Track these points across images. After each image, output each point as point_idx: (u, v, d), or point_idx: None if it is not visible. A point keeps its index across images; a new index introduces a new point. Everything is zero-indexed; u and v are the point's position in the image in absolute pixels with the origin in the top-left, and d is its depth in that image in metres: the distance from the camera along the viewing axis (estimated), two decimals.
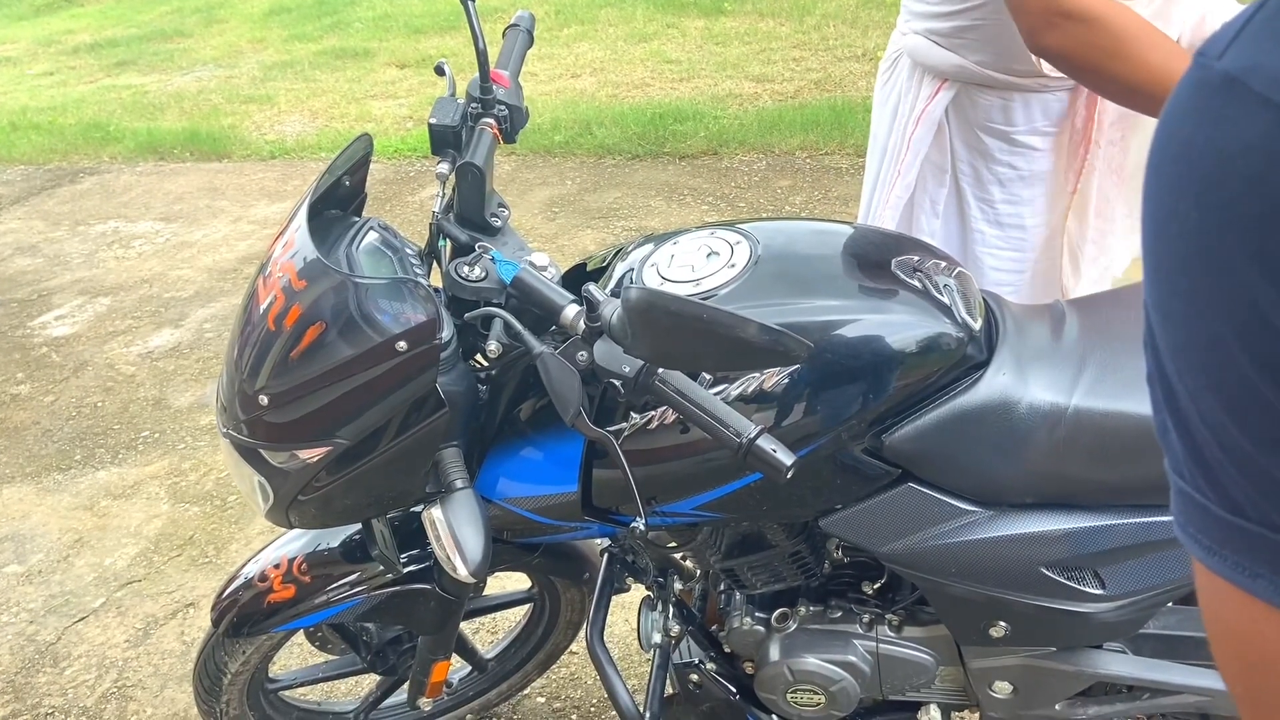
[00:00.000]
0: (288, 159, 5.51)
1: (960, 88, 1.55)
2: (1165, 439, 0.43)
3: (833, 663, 1.35)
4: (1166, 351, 0.41)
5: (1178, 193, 0.38)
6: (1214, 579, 0.42)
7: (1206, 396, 0.39)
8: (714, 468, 1.17)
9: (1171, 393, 0.42)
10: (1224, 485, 0.40)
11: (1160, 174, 0.39)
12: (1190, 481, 0.42)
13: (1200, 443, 0.40)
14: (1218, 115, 0.36)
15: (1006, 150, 1.57)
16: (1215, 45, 0.38)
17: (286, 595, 1.48)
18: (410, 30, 7.68)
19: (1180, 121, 0.38)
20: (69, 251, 4.58)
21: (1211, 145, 0.36)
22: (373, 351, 1.10)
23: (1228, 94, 0.36)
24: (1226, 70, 0.36)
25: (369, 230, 1.26)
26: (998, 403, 1.15)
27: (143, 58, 8.03)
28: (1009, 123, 1.55)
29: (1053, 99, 1.53)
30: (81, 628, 2.39)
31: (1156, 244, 0.40)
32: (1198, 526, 0.42)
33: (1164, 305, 0.41)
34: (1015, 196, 1.60)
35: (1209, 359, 0.39)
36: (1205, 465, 0.41)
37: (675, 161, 4.83)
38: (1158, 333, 0.42)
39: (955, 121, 1.59)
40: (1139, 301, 1.41)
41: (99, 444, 3.11)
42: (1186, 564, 1.17)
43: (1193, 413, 0.40)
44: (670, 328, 0.92)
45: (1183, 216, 0.38)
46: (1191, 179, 0.37)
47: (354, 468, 1.19)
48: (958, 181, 1.62)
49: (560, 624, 1.85)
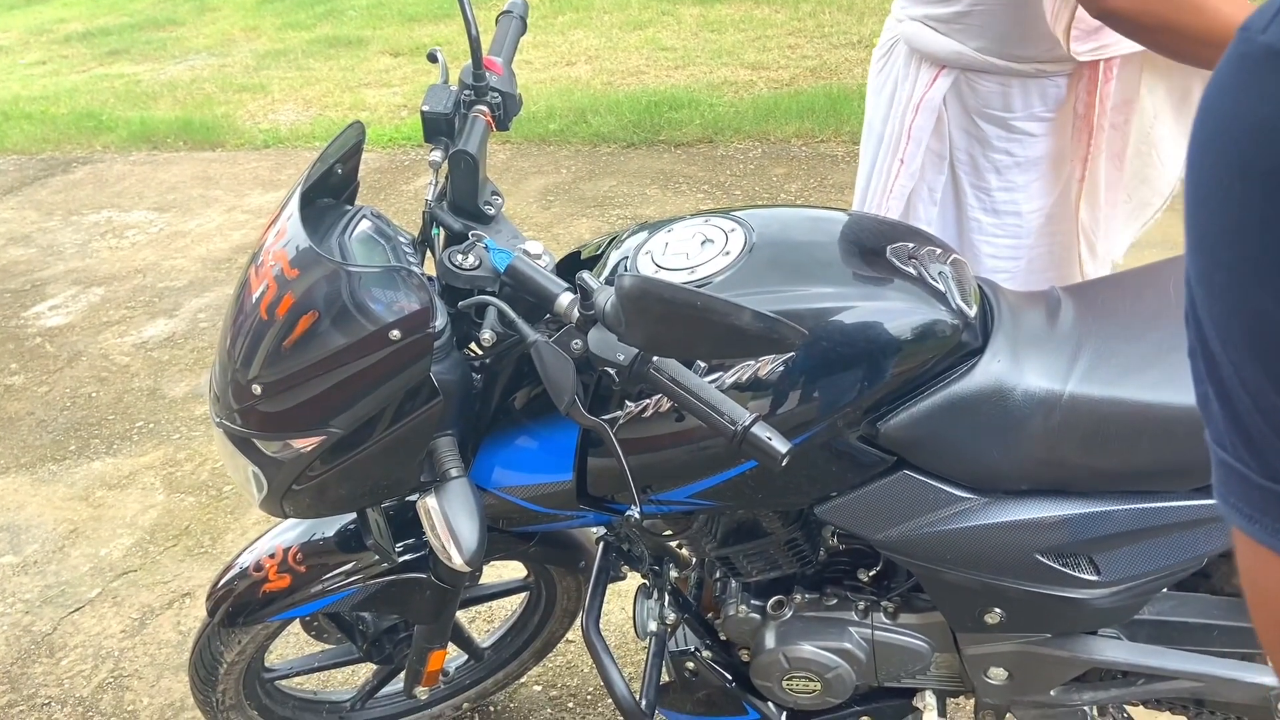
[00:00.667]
0: (281, 148, 5.49)
1: (959, 74, 1.55)
2: (1206, 410, 0.44)
3: (828, 650, 1.35)
4: (1209, 323, 0.42)
5: (1221, 165, 0.39)
6: (1254, 546, 0.42)
7: (1249, 365, 0.40)
8: (709, 456, 1.17)
9: (1214, 363, 0.42)
10: (1264, 454, 0.41)
11: (1204, 147, 0.40)
12: (1231, 451, 0.43)
13: (1242, 412, 0.41)
14: (1261, 88, 0.37)
15: (1004, 137, 1.57)
16: (1259, 19, 0.38)
17: (282, 585, 1.48)
18: (404, 18, 7.64)
19: (1223, 95, 0.39)
20: (62, 241, 4.56)
21: (1255, 117, 0.37)
22: (366, 340, 1.10)
23: (1271, 66, 0.37)
24: (1270, 44, 0.37)
25: (362, 219, 1.25)
26: (993, 389, 1.14)
27: (135, 46, 7.99)
28: (1008, 109, 1.54)
29: (1051, 85, 1.52)
30: (77, 618, 2.38)
31: (1200, 216, 0.41)
32: (1238, 495, 0.43)
33: (1207, 276, 0.41)
34: (1011, 183, 1.59)
35: (1252, 328, 0.39)
36: (1246, 434, 0.41)
37: (670, 149, 4.82)
38: (1200, 305, 0.42)
39: (953, 108, 1.58)
40: (1134, 287, 1.41)
41: (94, 434, 3.10)
42: (1181, 550, 1.18)
43: (1235, 383, 0.41)
44: (664, 315, 0.92)
45: (1226, 187, 0.38)
46: (1235, 151, 0.38)
47: (348, 457, 1.18)
48: (954, 169, 1.62)
49: (556, 612, 1.85)
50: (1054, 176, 1.61)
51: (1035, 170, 1.58)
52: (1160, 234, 3.58)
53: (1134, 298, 1.28)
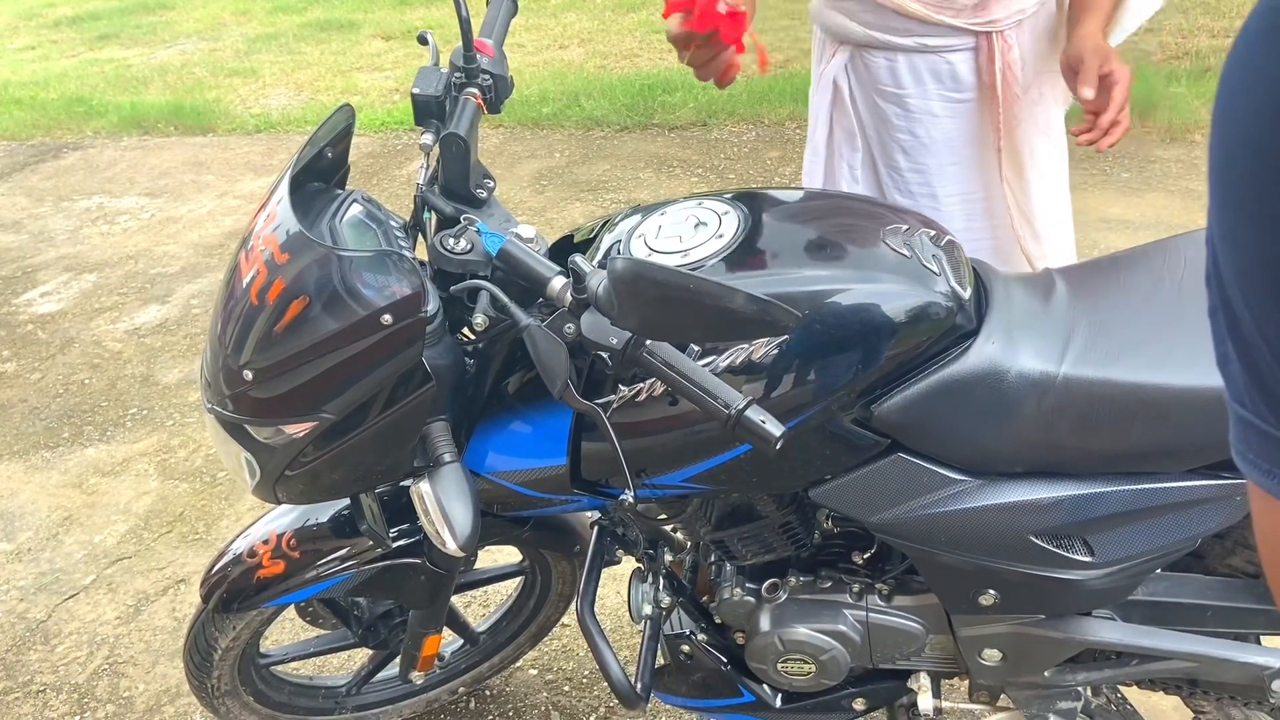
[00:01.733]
0: (273, 133, 5.46)
1: (853, 50, 1.57)
2: (1226, 370, 0.45)
3: (823, 632, 1.35)
4: (1232, 279, 0.42)
5: (1248, 119, 0.39)
6: (1270, 501, 0.43)
7: (1272, 320, 0.40)
8: (703, 439, 1.16)
9: (1235, 321, 0.43)
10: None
11: (1229, 102, 0.40)
12: (1250, 407, 0.43)
13: (1264, 369, 0.42)
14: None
15: (903, 116, 1.58)
16: None
17: (276, 570, 1.48)
18: (396, 2, 7.60)
19: (1249, 52, 0.39)
20: (53, 228, 4.54)
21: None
22: (357, 325, 1.09)
23: None
24: None
25: (352, 203, 1.24)
26: (987, 372, 1.14)
27: (125, 31, 7.93)
28: (899, 85, 1.55)
29: (942, 63, 1.53)
30: (72, 605, 2.38)
31: (1225, 172, 0.41)
32: (1257, 451, 0.43)
33: (1231, 232, 0.41)
34: (921, 165, 1.60)
35: (1277, 280, 0.39)
36: (1266, 390, 0.42)
37: (664, 133, 4.80)
38: (1224, 262, 0.43)
39: (856, 86, 1.60)
40: (1129, 269, 1.40)
41: (87, 421, 3.09)
42: (1175, 531, 1.18)
43: (1257, 338, 0.41)
44: (657, 298, 0.91)
45: (1254, 142, 0.39)
46: (1262, 105, 0.38)
47: (341, 442, 1.18)
48: (869, 148, 1.63)
49: (551, 597, 1.85)
50: (974, 161, 1.60)
51: (946, 153, 1.59)
52: (1154, 215, 3.58)
53: (1128, 279, 1.28)
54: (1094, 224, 3.48)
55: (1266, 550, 0.46)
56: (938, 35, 1.50)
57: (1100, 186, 3.72)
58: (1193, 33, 4.84)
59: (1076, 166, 3.32)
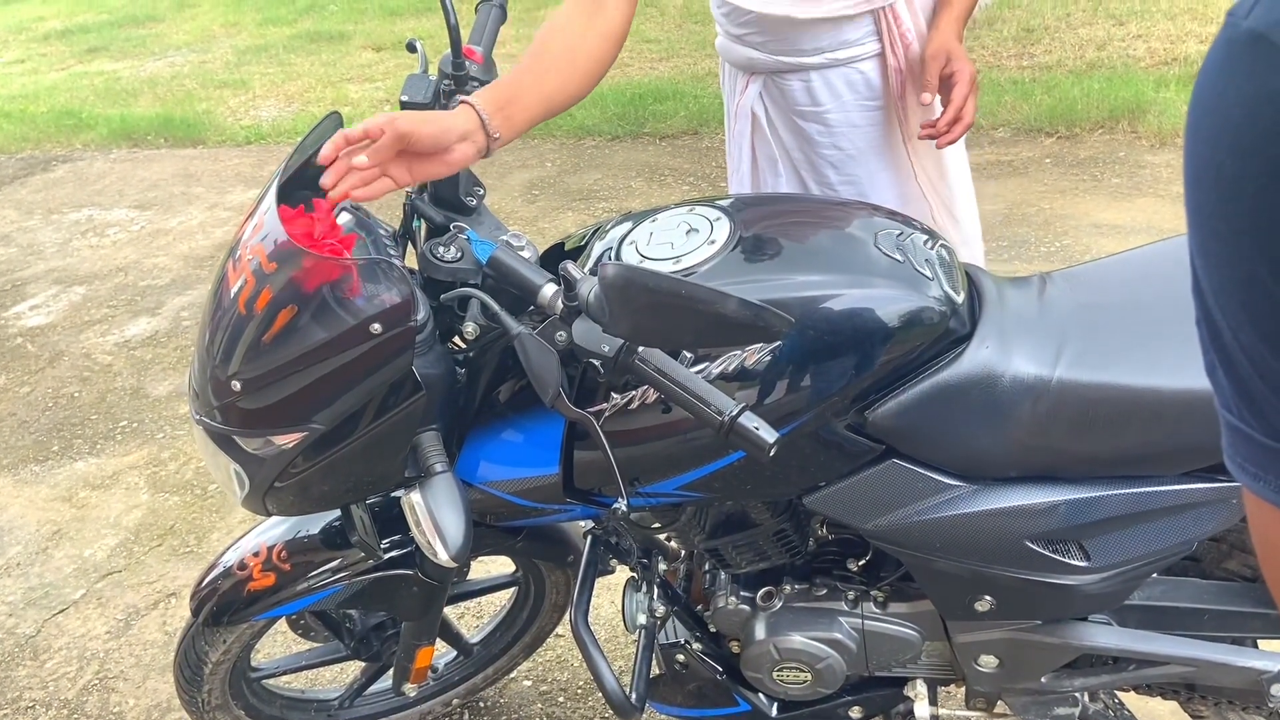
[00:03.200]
0: (263, 144, 5.45)
1: (765, 78, 1.60)
2: (1214, 377, 0.47)
3: (818, 640, 1.34)
4: (1210, 292, 0.44)
5: (1213, 142, 0.41)
6: (1261, 503, 0.45)
7: (1247, 330, 0.43)
8: (696, 447, 1.16)
9: (1217, 331, 0.45)
10: (1266, 414, 0.44)
11: (1197, 128, 0.43)
12: (1236, 414, 0.45)
13: (1244, 376, 0.44)
14: (1246, 69, 0.40)
15: (826, 132, 1.60)
16: (1243, 5, 0.41)
17: (267, 583, 1.47)
18: (386, 12, 7.60)
19: (1213, 78, 0.42)
20: (43, 240, 4.52)
21: (1241, 96, 0.40)
22: (347, 334, 1.08)
23: (1254, 49, 0.39)
24: (1252, 28, 0.40)
25: (341, 212, 1.23)
26: (981, 376, 1.14)
27: (115, 43, 7.93)
28: (816, 103, 1.57)
29: (855, 74, 1.55)
30: (62, 620, 2.36)
31: (1197, 191, 0.43)
32: (1244, 455, 0.46)
33: (1205, 248, 0.44)
34: (852, 176, 1.62)
35: (1247, 295, 0.42)
36: (1249, 397, 0.44)
37: (655, 142, 4.80)
38: (1201, 276, 0.45)
39: (774, 113, 1.62)
40: (1121, 272, 1.40)
41: (76, 434, 3.07)
42: (1170, 534, 1.17)
43: (1236, 348, 0.44)
44: (649, 305, 0.90)
45: (1219, 164, 0.41)
46: (1225, 128, 0.41)
47: (331, 453, 1.17)
48: (797, 171, 1.65)
49: (545, 607, 1.84)
50: (902, 164, 1.62)
51: (875, 160, 1.61)
52: (1145, 220, 3.58)
53: (1121, 282, 1.27)
54: (1085, 229, 3.49)
55: (1262, 552, 0.48)
56: (844, 47, 1.53)
57: (1091, 191, 3.73)
58: (1181, 38, 4.86)
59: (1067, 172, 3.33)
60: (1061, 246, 3.40)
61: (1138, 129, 4.11)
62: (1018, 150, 4.09)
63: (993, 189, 3.74)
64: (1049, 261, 3.31)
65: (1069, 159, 3.99)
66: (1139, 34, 5.04)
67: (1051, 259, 3.33)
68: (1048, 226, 3.53)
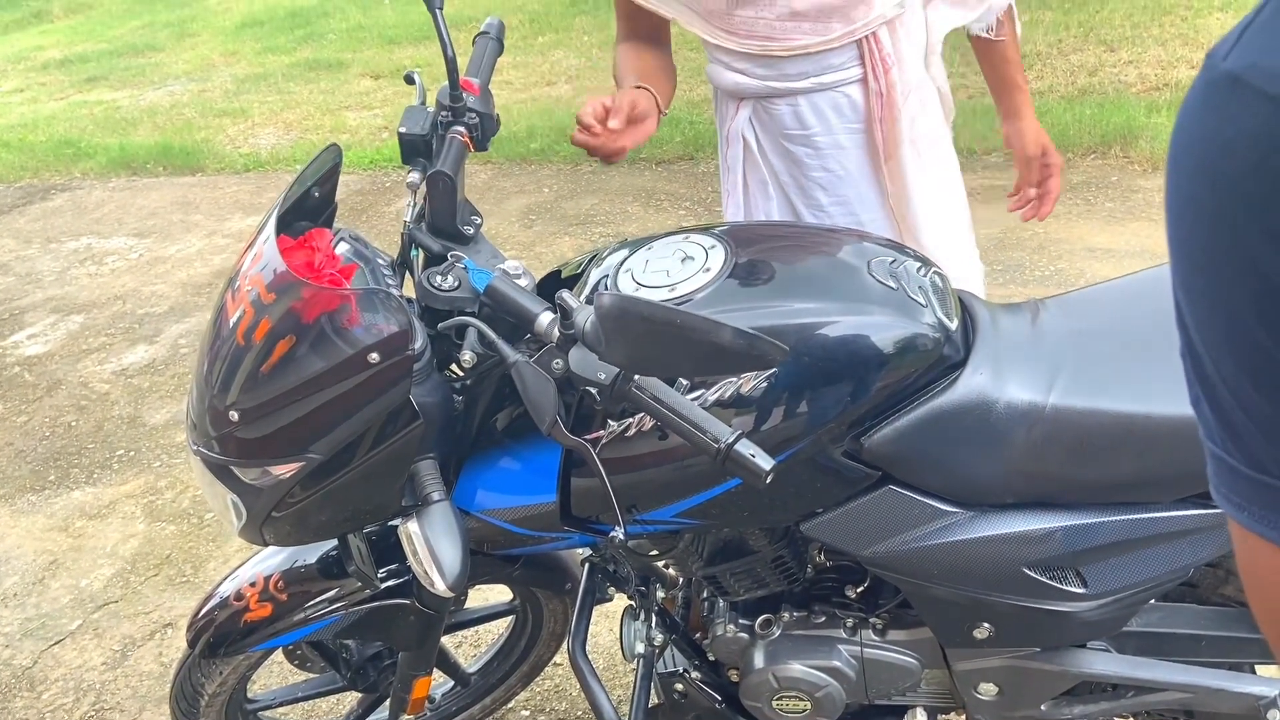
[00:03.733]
0: (262, 171, 5.47)
1: (755, 103, 1.61)
2: (1198, 409, 0.48)
3: (817, 668, 1.34)
4: (1193, 326, 0.45)
5: (1193, 180, 0.43)
6: (1245, 533, 0.46)
7: (1228, 362, 0.44)
8: (693, 474, 1.16)
9: (1200, 364, 0.46)
10: (1248, 445, 0.44)
11: (1178, 165, 0.44)
12: (1220, 445, 0.46)
13: (1226, 408, 0.45)
14: (1224, 110, 0.41)
15: (814, 155, 1.61)
16: (1222, 47, 0.43)
17: (263, 613, 1.46)
18: (384, 41, 7.66)
19: (1192, 117, 0.43)
20: (41, 269, 4.53)
21: (1220, 136, 0.41)
22: (345, 364, 1.08)
23: (1232, 90, 0.41)
24: (1230, 70, 0.41)
25: (340, 241, 1.24)
26: (975, 402, 1.14)
27: (114, 73, 7.98)
28: (804, 127, 1.59)
29: (841, 97, 1.57)
30: (58, 650, 2.35)
31: (1178, 228, 0.44)
32: (1229, 486, 0.46)
33: (1187, 283, 0.45)
34: (843, 197, 1.64)
35: (1228, 328, 0.43)
36: (1232, 428, 0.45)
37: (651, 167, 4.83)
38: (1184, 309, 0.46)
39: (763, 137, 1.64)
40: (1115, 298, 1.41)
41: (73, 464, 3.07)
42: (1167, 561, 1.17)
43: (1218, 380, 0.45)
44: (644, 333, 0.91)
45: (1199, 201, 0.42)
46: (1204, 167, 0.42)
47: (328, 482, 1.17)
48: (786, 194, 1.67)
49: (543, 636, 1.83)
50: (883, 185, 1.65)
51: (863, 181, 1.63)
52: (1138, 244, 3.60)
53: (1114, 308, 1.28)
54: (1079, 253, 3.51)
55: (1248, 581, 0.49)
56: (829, 71, 1.55)
57: (1084, 216, 3.75)
58: (1172, 64, 4.91)
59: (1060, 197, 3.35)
60: (1056, 270, 3.42)
61: (1130, 154, 4.14)
62: (1012, 175, 4.10)
63: (987, 213, 3.75)
64: (1044, 285, 3.32)
65: (1062, 183, 4.00)
66: (1130, 60, 5.08)
67: (1046, 283, 3.34)
68: (1042, 250, 3.55)
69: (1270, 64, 0.39)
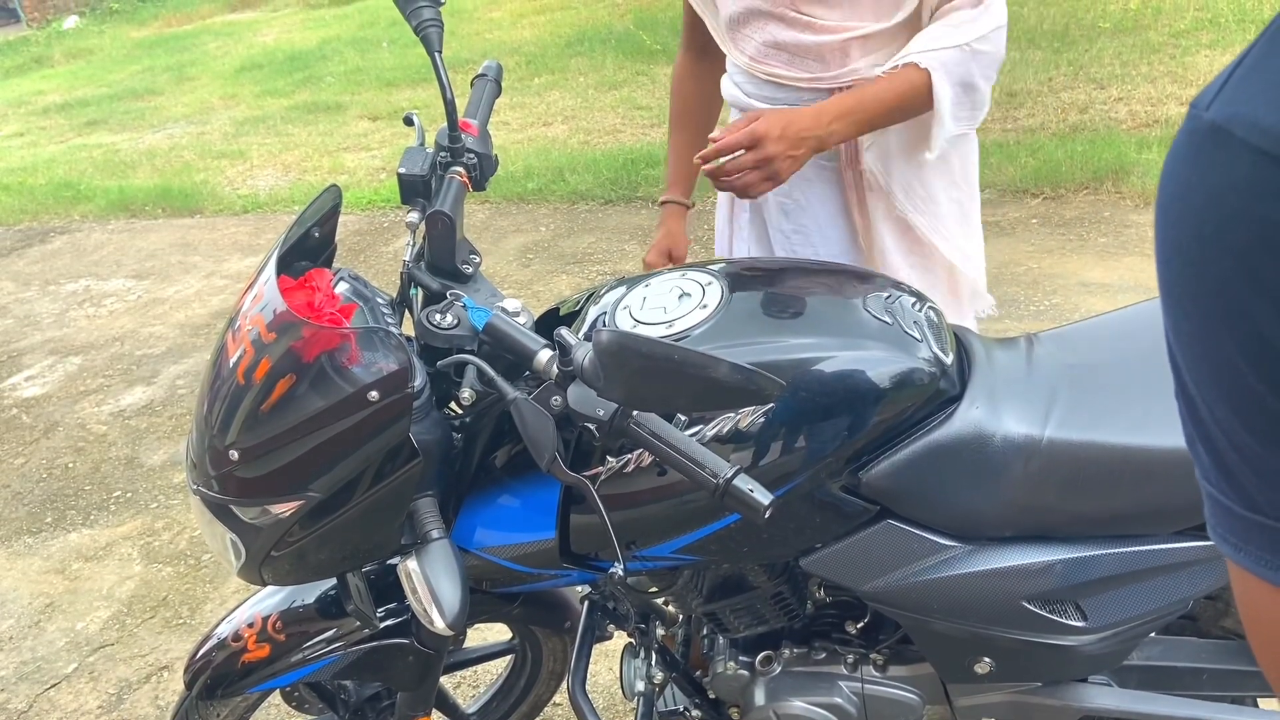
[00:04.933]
0: (260, 213, 5.51)
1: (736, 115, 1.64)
2: (1194, 449, 0.48)
3: (818, 705, 1.33)
4: (1185, 369, 0.46)
5: (1179, 228, 0.43)
6: (1242, 573, 0.47)
7: (1220, 405, 0.44)
8: (692, 509, 1.16)
9: (1193, 406, 0.47)
10: (1243, 486, 0.45)
11: (1165, 212, 0.45)
12: (1216, 486, 0.47)
13: (1220, 449, 0.45)
14: (1208, 159, 0.42)
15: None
16: (1205, 97, 0.43)
17: (261, 654, 1.45)
18: (382, 83, 7.74)
19: (1178, 166, 0.44)
20: (39, 311, 4.54)
21: (1204, 185, 0.42)
22: (344, 402, 1.09)
23: (1215, 141, 0.42)
24: (1213, 120, 0.42)
25: (339, 281, 1.25)
26: (972, 436, 1.15)
27: (114, 116, 8.05)
28: None
29: None
30: (54, 694, 2.33)
31: (1166, 274, 0.45)
32: (1226, 527, 0.47)
33: (1178, 327, 0.46)
34: (802, 226, 1.65)
35: (1219, 372, 0.43)
36: (1226, 470, 0.45)
37: (648, 206, 4.86)
38: (1176, 352, 0.47)
39: None
40: (1109, 331, 1.42)
41: (70, 505, 3.06)
42: (1166, 593, 1.17)
43: (1211, 422, 0.45)
44: (642, 369, 0.91)
45: (1185, 248, 0.43)
46: (1189, 215, 0.43)
47: (327, 521, 1.17)
48: (759, 210, 1.69)
49: (543, 675, 1.82)
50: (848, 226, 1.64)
51: (823, 215, 1.63)
52: (1131, 279, 3.62)
53: (1109, 341, 1.29)
54: (1074, 288, 3.53)
55: (1246, 619, 0.49)
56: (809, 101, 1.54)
57: (1078, 251, 3.78)
58: (1161, 100, 4.97)
59: (1053, 232, 3.37)
60: (1051, 305, 3.44)
61: (1121, 189, 4.18)
62: (1004, 211, 4.15)
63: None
64: (1039, 319, 3.34)
65: (1055, 219, 4.05)
66: (1120, 97, 5.14)
67: (1041, 317, 3.36)
68: (1036, 285, 3.57)
69: (1252, 114, 0.40)
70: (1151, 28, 5.98)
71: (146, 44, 10.89)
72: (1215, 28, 5.74)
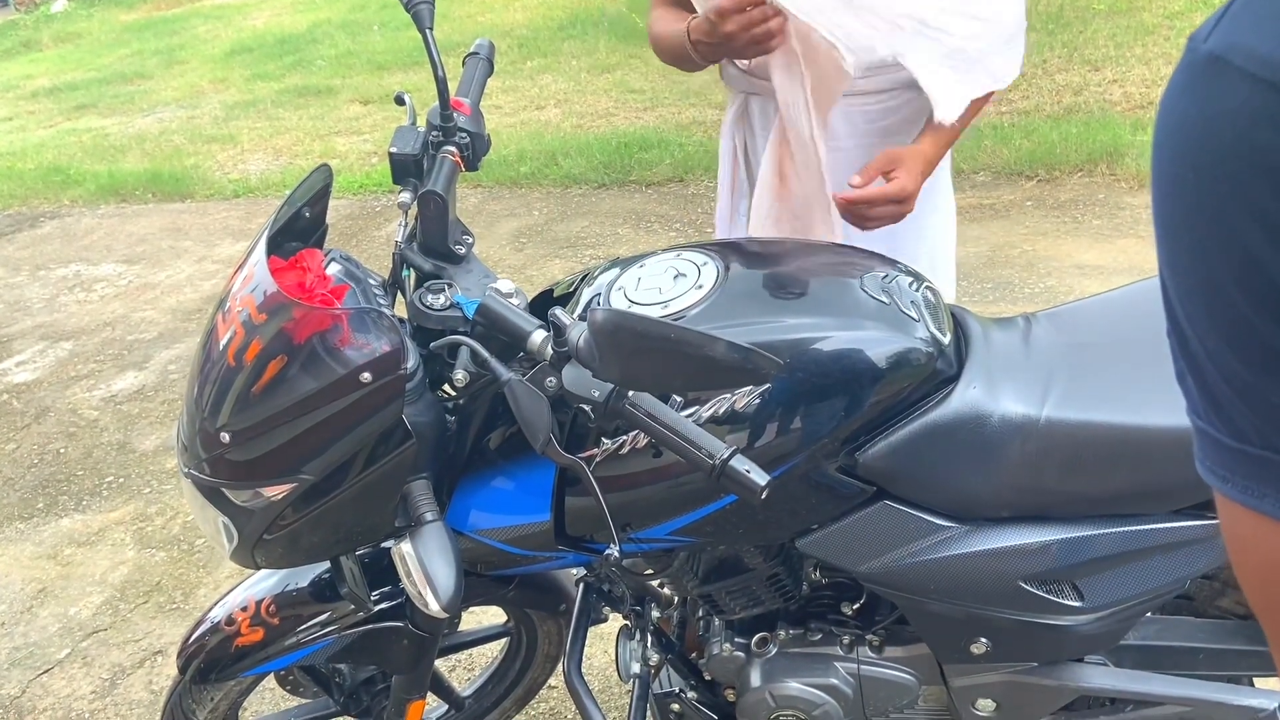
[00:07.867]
0: (251, 197, 5.47)
1: (744, 97, 1.64)
2: (1183, 384, 0.49)
3: (815, 686, 1.33)
4: (1178, 302, 0.47)
5: (1177, 159, 0.44)
6: (1229, 504, 0.47)
7: (1211, 335, 0.45)
8: (688, 491, 1.15)
9: (1184, 339, 0.47)
10: (1231, 416, 0.45)
11: (1161, 148, 0.45)
12: (1204, 418, 0.47)
13: (1209, 381, 0.46)
14: (1206, 89, 0.42)
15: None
16: (1203, 30, 0.44)
17: (255, 638, 1.45)
18: (373, 67, 7.68)
19: (1175, 100, 0.45)
20: (29, 297, 4.51)
21: (1202, 114, 0.42)
22: (337, 384, 1.08)
23: (1213, 70, 0.42)
24: (1211, 50, 0.42)
25: (331, 261, 1.24)
26: (969, 417, 1.14)
27: (103, 100, 7.98)
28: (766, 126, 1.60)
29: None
30: (47, 680, 2.32)
31: (1163, 206, 0.46)
32: (1213, 459, 0.48)
33: (1173, 260, 0.46)
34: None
35: (1211, 301, 0.44)
36: (1214, 401, 0.46)
37: (641, 189, 4.84)
38: (1169, 286, 0.47)
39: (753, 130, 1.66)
40: (1106, 311, 1.41)
41: (62, 491, 3.05)
42: (1163, 573, 1.17)
43: (1201, 353, 0.46)
44: (637, 349, 0.91)
45: (1182, 179, 0.43)
46: (1187, 145, 0.43)
47: (320, 504, 1.16)
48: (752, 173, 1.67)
49: (538, 658, 1.81)
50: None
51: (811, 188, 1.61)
52: (1126, 260, 3.62)
53: (1106, 321, 1.28)
54: (1068, 270, 3.52)
55: (1233, 551, 0.50)
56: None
57: (1072, 233, 3.77)
58: (1156, 82, 4.96)
59: (1048, 215, 3.36)
60: (1046, 287, 3.43)
61: (1116, 172, 4.17)
62: (999, 194, 4.14)
63: (975, 232, 3.78)
64: (1034, 302, 3.34)
65: (1049, 201, 4.04)
66: (1114, 79, 5.13)
67: (1036, 300, 3.35)
68: (1031, 268, 3.57)
69: (1250, 43, 0.40)
70: (1145, 9, 5.96)
71: (135, 27, 10.80)
72: (1209, 8, 5.73)
